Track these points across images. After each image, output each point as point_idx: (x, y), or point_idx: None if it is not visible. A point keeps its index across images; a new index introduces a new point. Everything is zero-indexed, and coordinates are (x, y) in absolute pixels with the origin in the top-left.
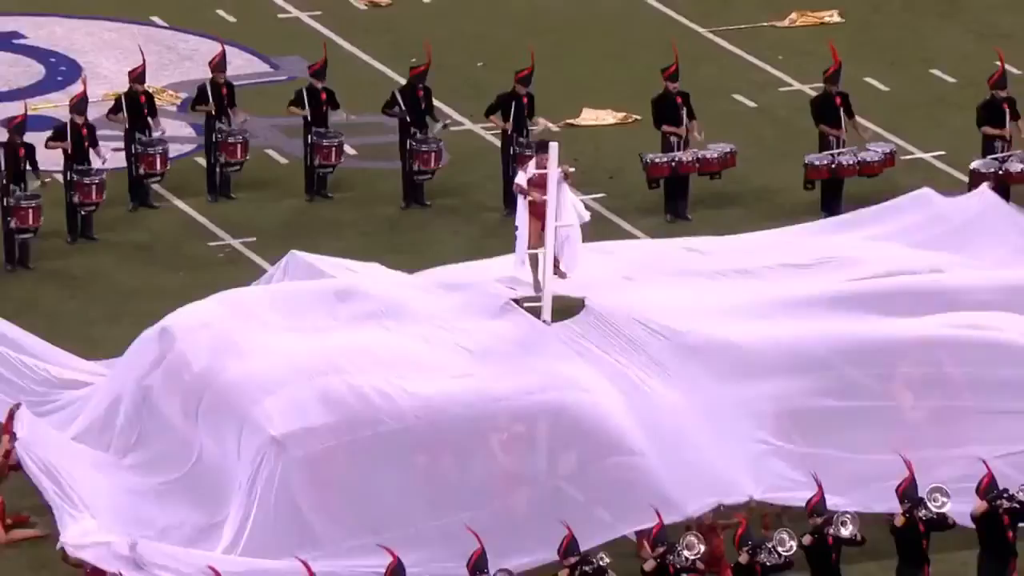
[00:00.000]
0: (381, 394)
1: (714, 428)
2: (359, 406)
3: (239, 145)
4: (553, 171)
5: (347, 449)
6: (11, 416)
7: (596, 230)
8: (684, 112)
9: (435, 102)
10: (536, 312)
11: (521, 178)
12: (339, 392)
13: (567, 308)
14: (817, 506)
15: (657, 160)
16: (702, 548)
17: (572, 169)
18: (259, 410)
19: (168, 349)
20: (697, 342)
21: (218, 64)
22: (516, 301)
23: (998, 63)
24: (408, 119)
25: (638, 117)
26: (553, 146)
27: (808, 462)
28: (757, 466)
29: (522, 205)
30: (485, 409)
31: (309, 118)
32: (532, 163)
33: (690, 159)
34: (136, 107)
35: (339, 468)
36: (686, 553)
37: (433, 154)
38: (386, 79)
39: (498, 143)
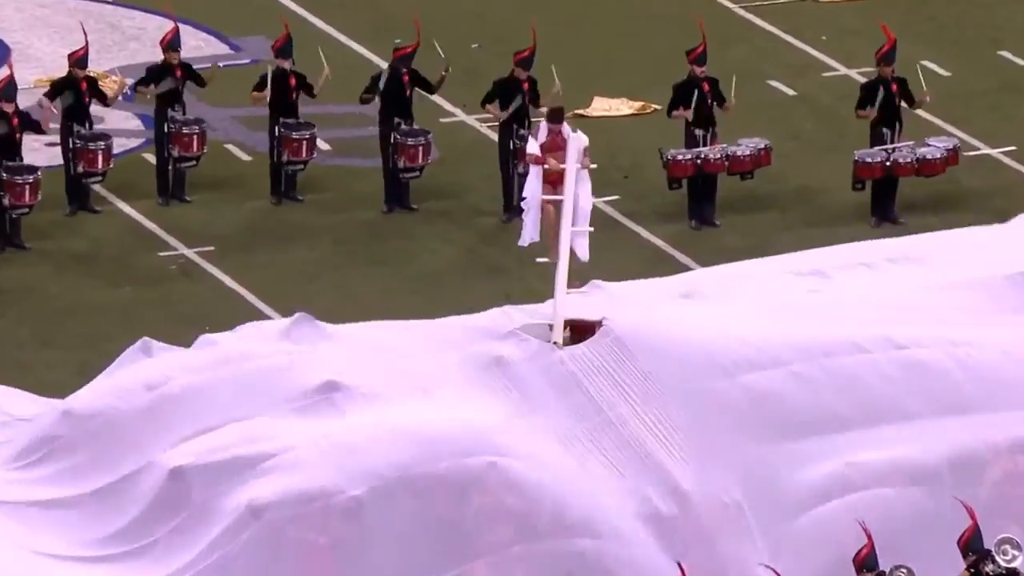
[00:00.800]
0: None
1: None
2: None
3: (195, 137)
4: (572, 163)
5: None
6: None
7: (609, 237)
8: (711, 101)
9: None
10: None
11: (532, 146)
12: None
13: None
14: (868, 559)
15: (680, 157)
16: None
17: (585, 145)
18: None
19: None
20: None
21: (170, 42)
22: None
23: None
24: (384, 106)
25: (658, 107)
26: (577, 138)
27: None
28: None
29: (535, 176)
30: (425, 479)
31: (272, 104)
32: (542, 128)
33: (718, 156)
34: (77, 94)
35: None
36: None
37: (421, 148)
38: (365, 62)
39: (495, 137)
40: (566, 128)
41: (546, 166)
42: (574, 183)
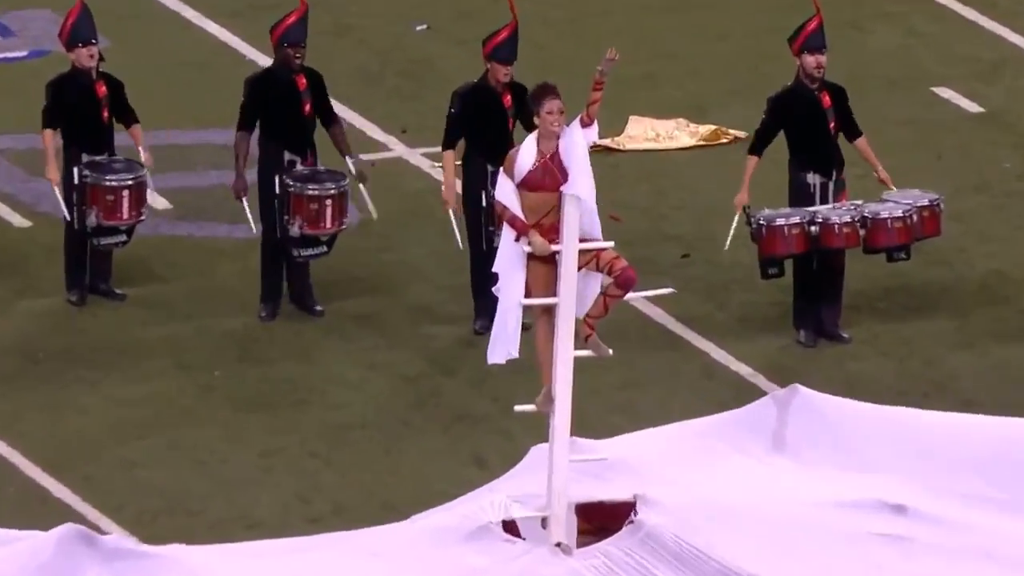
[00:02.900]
0: None
1: None
2: None
3: None
4: (571, 227)
5: None
6: None
7: (658, 359)
8: (833, 123)
9: (336, 107)
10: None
11: (505, 189)
12: None
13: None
14: None
15: (781, 222)
16: None
17: (614, 58)
18: None
19: None
20: None
21: None
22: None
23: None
24: (265, 130)
25: (740, 134)
26: (572, 144)
27: None
28: None
29: (509, 245)
30: None
31: (68, 130)
32: (525, 148)
33: (848, 220)
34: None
35: None
36: None
37: (329, 204)
38: (230, 53)
39: (457, 184)
40: (570, 134)
41: (527, 242)
42: (573, 262)
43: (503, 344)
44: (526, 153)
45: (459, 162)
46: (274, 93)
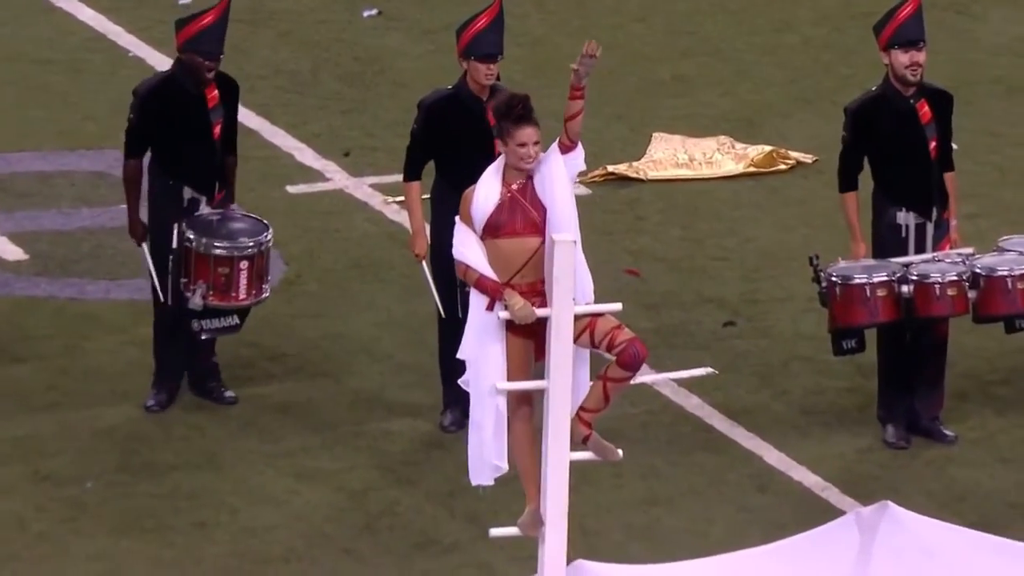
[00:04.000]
0: None
1: None
2: None
3: None
4: (564, 286)
5: None
6: None
7: (691, 466)
8: (935, 143)
9: (251, 123)
10: None
11: (464, 240)
12: None
13: None
14: None
15: (860, 280)
16: None
17: (594, 56)
18: None
19: None
20: None
21: None
22: None
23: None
24: (157, 157)
25: (802, 158)
26: (554, 170)
27: None
28: None
29: (480, 314)
30: None
31: None
32: (489, 176)
33: (953, 278)
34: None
35: None
36: None
37: (244, 269)
38: (117, 59)
39: (426, 230)
40: (546, 162)
41: (503, 314)
42: (569, 330)
43: (484, 456)
44: (486, 188)
45: (426, 196)
46: (174, 110)
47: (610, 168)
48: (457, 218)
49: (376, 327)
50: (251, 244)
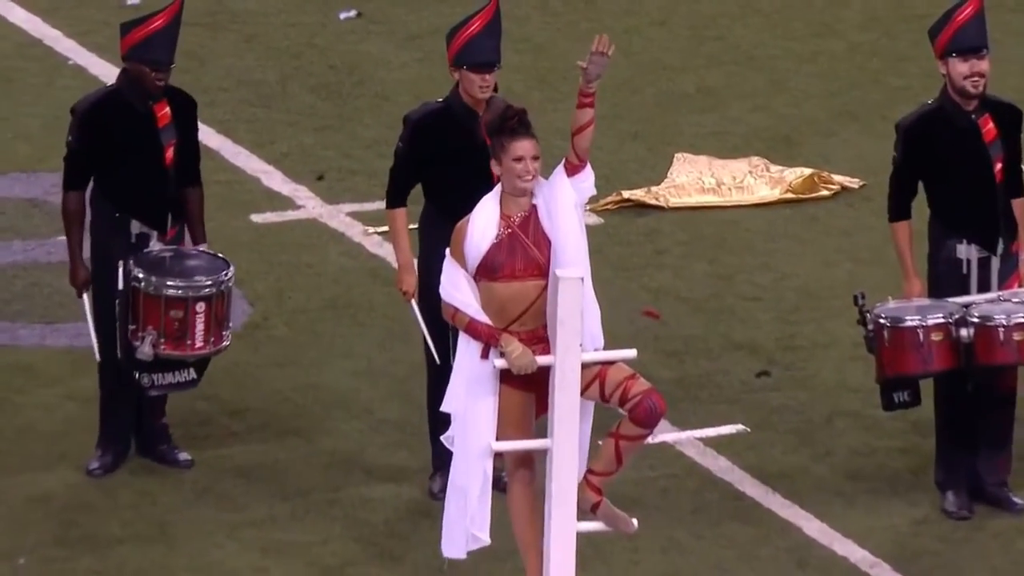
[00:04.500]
0: None
1: None
2: None
3: None
4: (571, 333)
5: None
6: None
7: (720, 539)
8: (1000, 165)
9: (211, 142)
10: None
11: (452, 278)
12: None
13: None
14: None
15: (913, 323)
16: None
17: (606, 54)
18: None
19: None
20: None
21: None
22: None
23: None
24: (100, 185)
25: (847, 182)
26: (562, 199)
27: None
28: None
29: (469, 364)
30: None
31: None
32: (485, 207)
33: (1019, 321)
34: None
35: None
36: None
37: (201, 313)
38: (53, 68)
39: (413, 266)
40: (551, 187)
41: (499, 362)
42: (576, 379)
43: (462, 524)
44: (482, 222)
45: (414, 226)
46: (120, 130)
47: (625, 194)
48: (447, 252)
49: (354, 377)
50: (209, 283)
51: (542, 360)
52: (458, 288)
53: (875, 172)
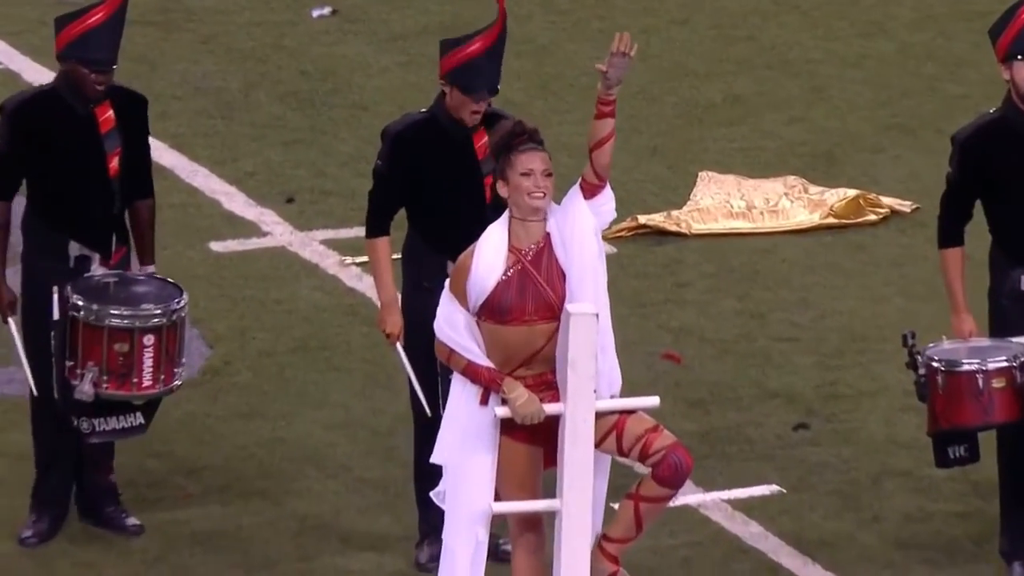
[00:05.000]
0: None
1: None
2: None
3: None
4: (586, 388)
5: None
6: None
7: None
8: None
9: (163, 159)
10: None
11: (449, 312)
12: None
13: None
14: None
15: (971, 367)
16: None
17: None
18: None
19: None
20: None
21: None
22: None
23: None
24: (33, 205)
25: (898, 206)
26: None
27: None
28: None
29: (465, 411)
30: None
31: None
32: (487, 245)
33: None
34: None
35: None
36: None
37: (149, 347)
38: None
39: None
40: (565, 211)
41: (501, 399)
42: (589, 433)
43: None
44: (489, 256)
45: (397, 256)
46: (56, 135)
47: (641, 219)
48: (446, 287)
49: (329, 430)
50: (158, 312)
51: (550, 408)
52: (454, 327)
53: (929, 194)
